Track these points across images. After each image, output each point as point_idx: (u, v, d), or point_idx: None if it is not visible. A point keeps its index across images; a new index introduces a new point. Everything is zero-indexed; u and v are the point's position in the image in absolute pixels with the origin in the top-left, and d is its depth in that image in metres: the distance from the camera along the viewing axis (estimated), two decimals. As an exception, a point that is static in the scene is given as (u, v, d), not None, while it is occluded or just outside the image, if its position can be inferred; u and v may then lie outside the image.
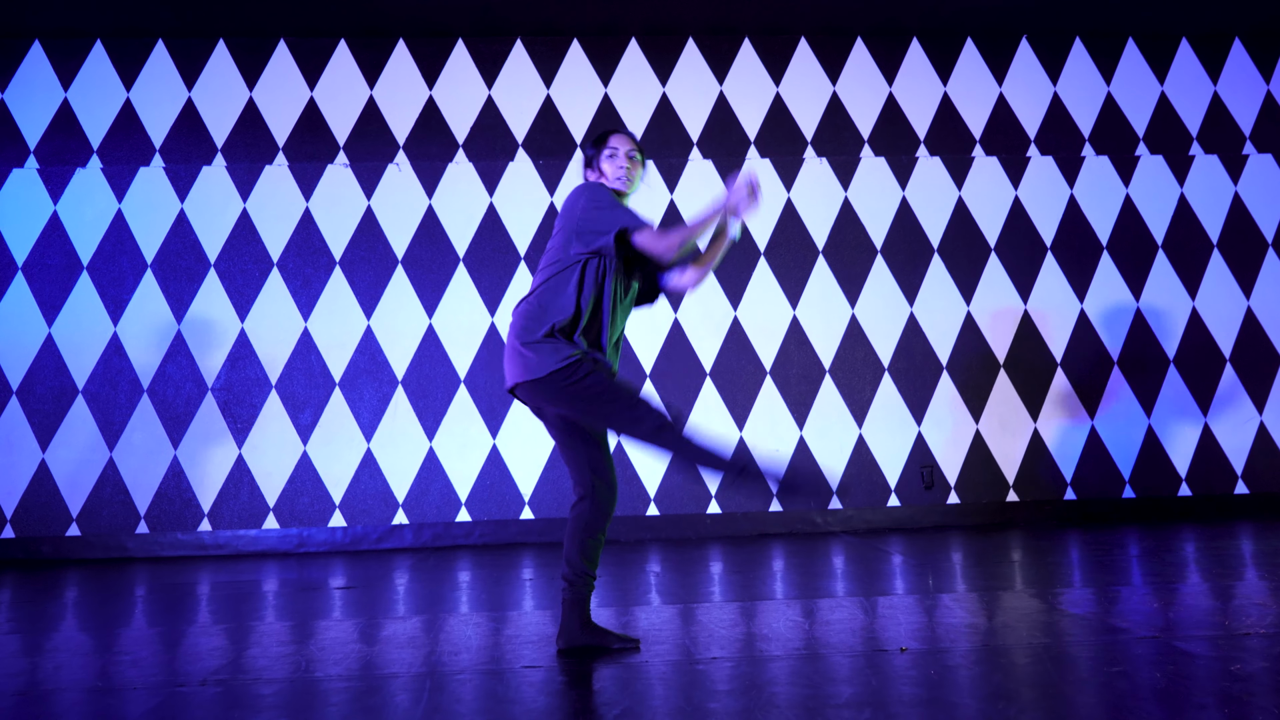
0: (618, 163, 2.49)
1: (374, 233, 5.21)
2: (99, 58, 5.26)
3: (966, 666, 2.10)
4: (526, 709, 1.88)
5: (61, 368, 4.99)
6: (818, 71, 5.50)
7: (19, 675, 2.31)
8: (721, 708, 1.83)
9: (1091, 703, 1.80)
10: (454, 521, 5.03)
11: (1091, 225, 5.45)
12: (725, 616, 2.80)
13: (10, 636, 2.84)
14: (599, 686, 2.04)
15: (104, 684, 2.19)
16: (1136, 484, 5.25)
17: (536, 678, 2.12)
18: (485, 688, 2.05)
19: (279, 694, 2.05)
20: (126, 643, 2.67)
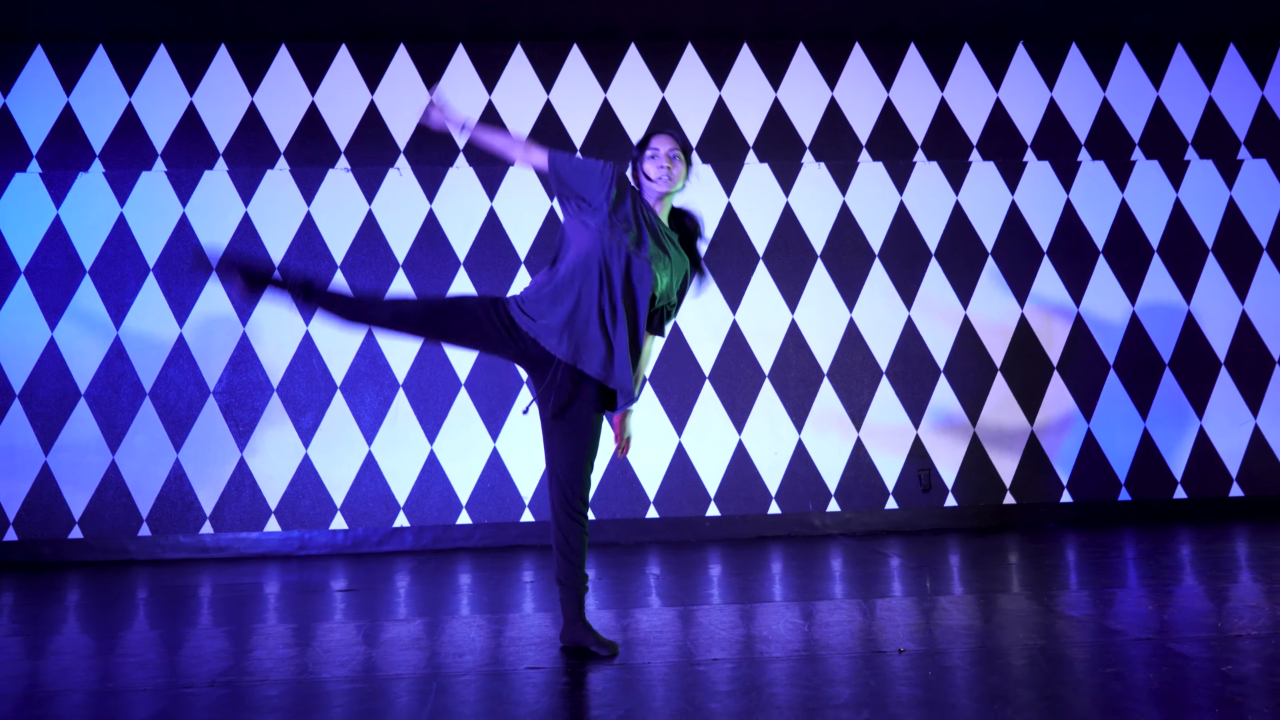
0: (658, 163, 2.46)
1: (375, 237, 5.23)
2: (101, 61, 5.29)
3: (964, 668, 2.13)
4: (530, 710, 1.91)
5: (64, 371, 5.01)
6: (816, 76, 5.54)
7: (23, 678, 2.33)
8: (722, 708, 1.86)
9: (1087, 704, 1.83)
10: (454, 524, 5.05)
11: (1088, 230, 5.49)
12: (725, 619, 2.83)
13: (14, 639, 2.86)
14: (602, 688, 2.07)
15: (110, 686, 2.21)
16: (1132, 487, 5.29)
17: (540, 679, 2.15)
18: (489, 689, 2.08)
19: (285, 695, 2.07)
20: (132, 645, 2.69)
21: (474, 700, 2.00)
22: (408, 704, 1.98)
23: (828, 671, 2.14)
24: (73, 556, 4.89)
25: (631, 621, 2.84)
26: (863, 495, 5.19)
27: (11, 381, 4.99)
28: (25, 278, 5.07)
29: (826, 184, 5.44)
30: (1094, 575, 3.45)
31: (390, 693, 2.07)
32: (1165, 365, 5.39)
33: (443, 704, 1.97)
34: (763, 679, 2.10)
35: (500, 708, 1.93)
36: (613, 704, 1.95)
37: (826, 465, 5.20)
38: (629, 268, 2.41)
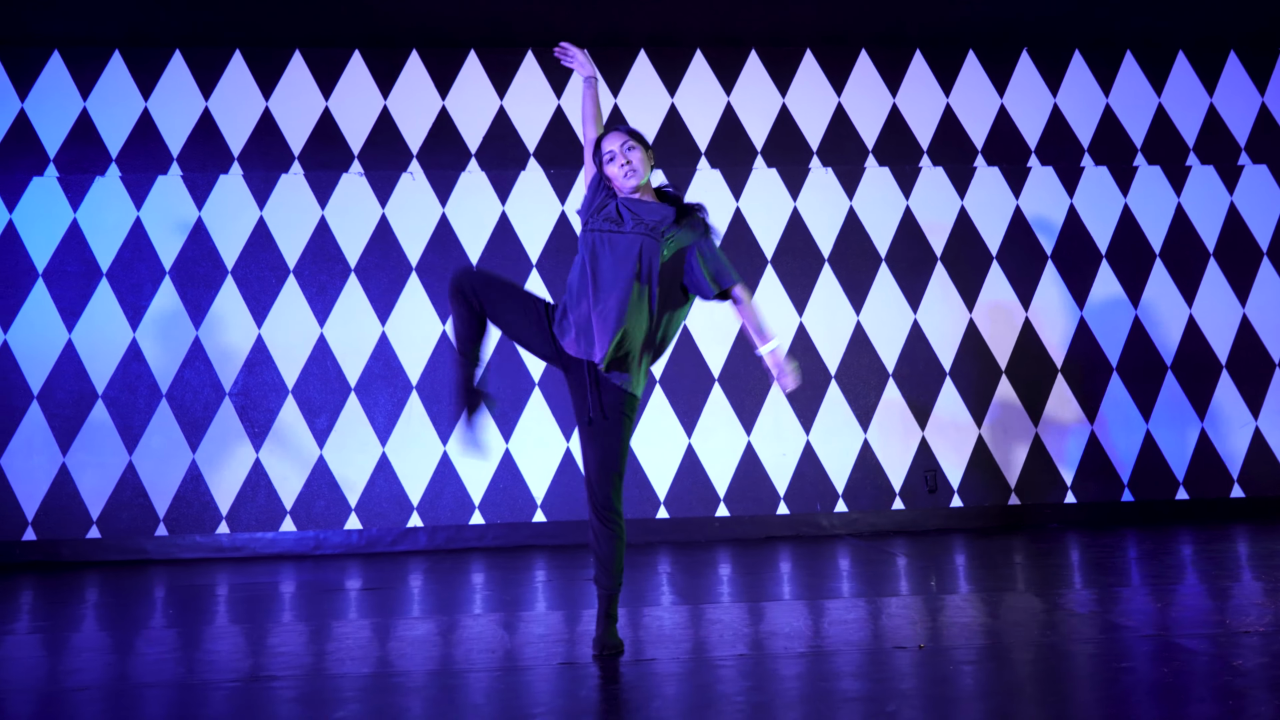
0: (616, 163, 2.52)
1: (388, 240, 5.30)
2: (117, 67, 5.35)
3: (977, 663, 2.21)
4: (565, 703, 1.98)
5: (81, 373, 5.08)
6: (822, 82, 5.61)
7: (78, 671, 2.40)
8: (746, 701, 1.93)
9: (1095, 698, 1.91)
10: (467, 524, 5.12)
11: (1091, 234, 5.56)
12: (740, 616, 2.90)
13: (37, 635, 2.93)
14: (634, 682, 2.14)
15: (160, 680, 2.28)
16: (1135, 488, 5.37)
17: (572, 674, 2.22)
18: (520, 683, 2.15)
19: (303, 688, 2.14)
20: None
21: (506, 693, 2.07)
22: (477, 694, 2.04)
23: (847, 666, 2.21)
24: (90, 556, 4.96)
25: (653, 619, 2.91)
26: (869, 496, 5.27)
27: (30, 383, 5.05)
28: (43, 280, 5.14)
29: (833, 189, 5.51)
30: (1098, 574, 3.52)
31: (430, 687, 2.14)
32: (1167, 368, 5.47)
33: (475, 698, 2.04)
34: (781, 673, 2.17)
35: (534, 701, 2.00)
36: (647, 695, 2.02)
37: (834, 466, 5.27)
38: (612, 248, 2.45)
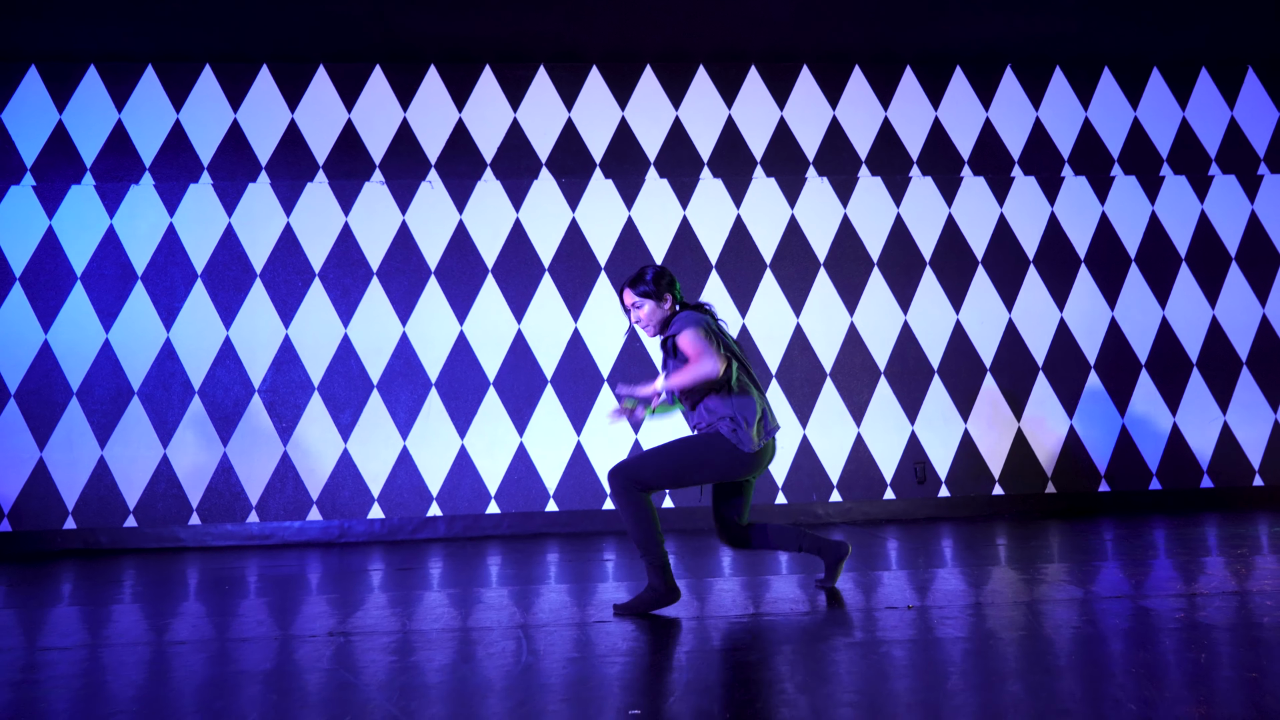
0: (632, 318, 2.97)
1: (409, 246, 5.60)
2: (150, 81, 5.64)
3: (954, 619, 2.53)
4: (623, 648, 2.29)
5: (118, 370, 5.36)
6: (819, 96, 5.94)
7: (179, 630, 2.70)
8: (768, 650, 2.24)
9: (1066, 640, 2.23)
10: (484, 514, 5.42)
11: (1070, 240, 5.91)
12: (738, 587, 3.21)
13: (126, 606, 3.22)
14: (665, 635, 2.45)
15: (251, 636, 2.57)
16: (1112, 479, 5.71)
17: (611, 628, 2.53)
18: (576, 636, 2.46)
19: (411, 641, 2.45)
20: (247, 609, 3.05)
21: (569, 644, 2.37)
22: (508, 647, 2.35)
23: (852, 620, 2.53)
24: (127, 544, 5.24)
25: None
26: (863, 487, 5.59)
27: (70, 380, 5.33)
28: (81, 283, 5.41)
29: (829, 197, 5.84)
30: (1072, 553, 3.85)
31: (484, 641, 2.45)
32: (1141, 366, 5.81)
33: (539, 650, 2.35)
34: (799, 628, 2.48)
35: (593, 651, 2.31)
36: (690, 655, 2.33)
37: (829, 459, 5.60)
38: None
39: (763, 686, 1.92)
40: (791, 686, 1.90)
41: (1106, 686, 1.84)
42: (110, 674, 2.20)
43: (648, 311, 2.91)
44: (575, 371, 5.57)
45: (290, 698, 1.93)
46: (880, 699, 1.80)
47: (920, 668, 2.04)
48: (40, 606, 3.29)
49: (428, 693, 1.94)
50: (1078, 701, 1.75)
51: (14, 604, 3.38)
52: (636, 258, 5.68)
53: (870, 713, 1.71)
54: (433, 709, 1.82)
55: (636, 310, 2.91)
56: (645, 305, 2.91)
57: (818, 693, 1.85)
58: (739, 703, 1.81)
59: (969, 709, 1.72)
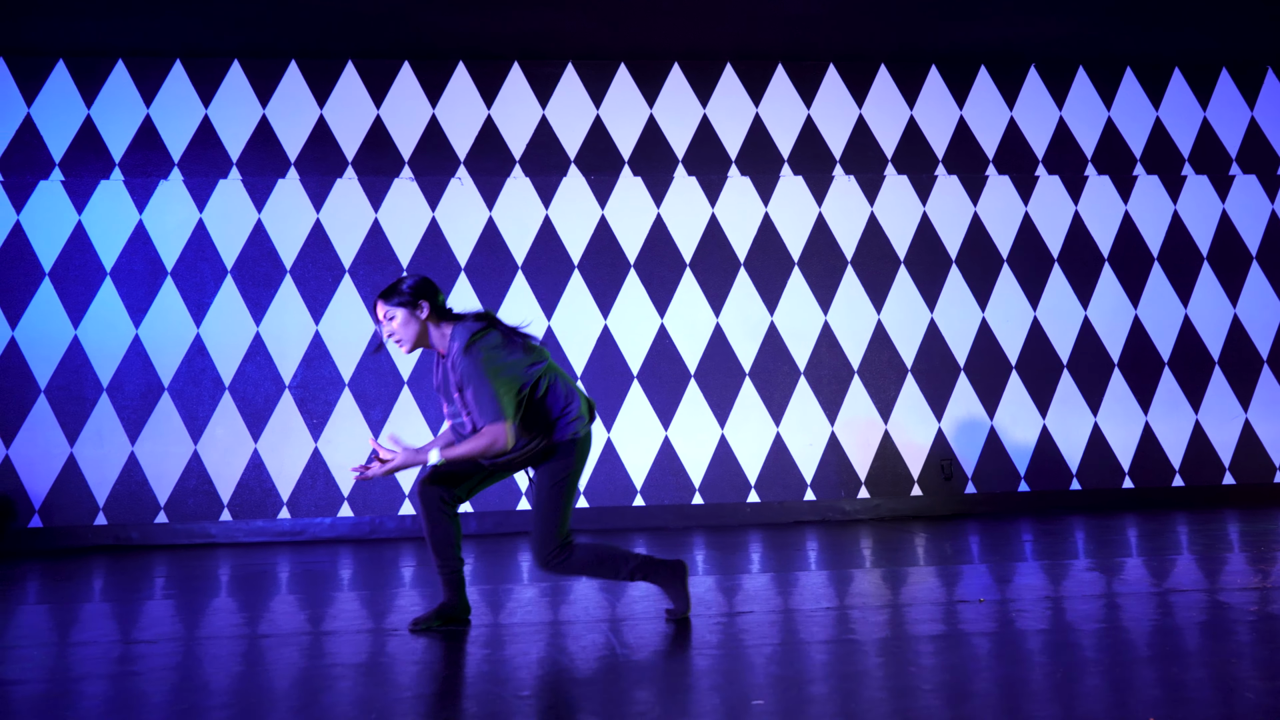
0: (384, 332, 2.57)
1: (438, 242, 5.61)
2: (178, 76, 5.62)
3: (1026, 611, 2.57)
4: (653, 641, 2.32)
5: (148, 366, 5.35)
6: (845, 95, 5.97)
7: (263, 623, 2.71)
8: (829, 637, 2.28)
9: (1144, 631, 2.27)
10: (514, 510, 5.44)
11: (1094, 239, 5.96)
12: (821, 580, 3.25)
13: (169, 600, 3.22)
14: (745, 628, 2.48)
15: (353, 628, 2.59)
16: (1135, 476, 5.77)
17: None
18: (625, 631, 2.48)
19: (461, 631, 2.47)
20: (341, 600, 3.07)
21: (657, 637, 2.40)
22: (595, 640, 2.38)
23: (933, 613, 2.56)
24: (158, 540, 5.24)
25: (736, 585, 3.25)
26: (890, 483, 5.64)
27: (100, 376, 5.32)
28: (111, 279, 5.40)
29: (855, 196, 5.87)
30: (1098, 548, 3.90)
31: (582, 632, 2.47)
32: (1164, 363, 5.87)
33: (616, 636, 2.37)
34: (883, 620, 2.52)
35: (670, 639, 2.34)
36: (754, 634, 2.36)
37: (856, 456, 5.64)
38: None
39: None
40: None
41: (1213, 675, 1.88)
42: (207, 666, 2.21)
43: (400, 322, 2.51)
44: (605, 368, 5.59)
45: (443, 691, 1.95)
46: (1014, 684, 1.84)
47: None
48: (107, 600, 3.30)
49: (523, 682, 1.97)
50: (1200, 687, 1.79)
51: (63, 599, 3.38)
52: (666, 255, 5.70)
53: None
54: (524, 700, 1.85)
55: (389, 323, 2.52)
56: (398, 315, 2.51)
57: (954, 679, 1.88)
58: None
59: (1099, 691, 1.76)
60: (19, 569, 4.37)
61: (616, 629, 2.54)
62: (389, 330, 2.52)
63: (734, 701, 1.80)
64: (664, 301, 5.66)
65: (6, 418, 5.23)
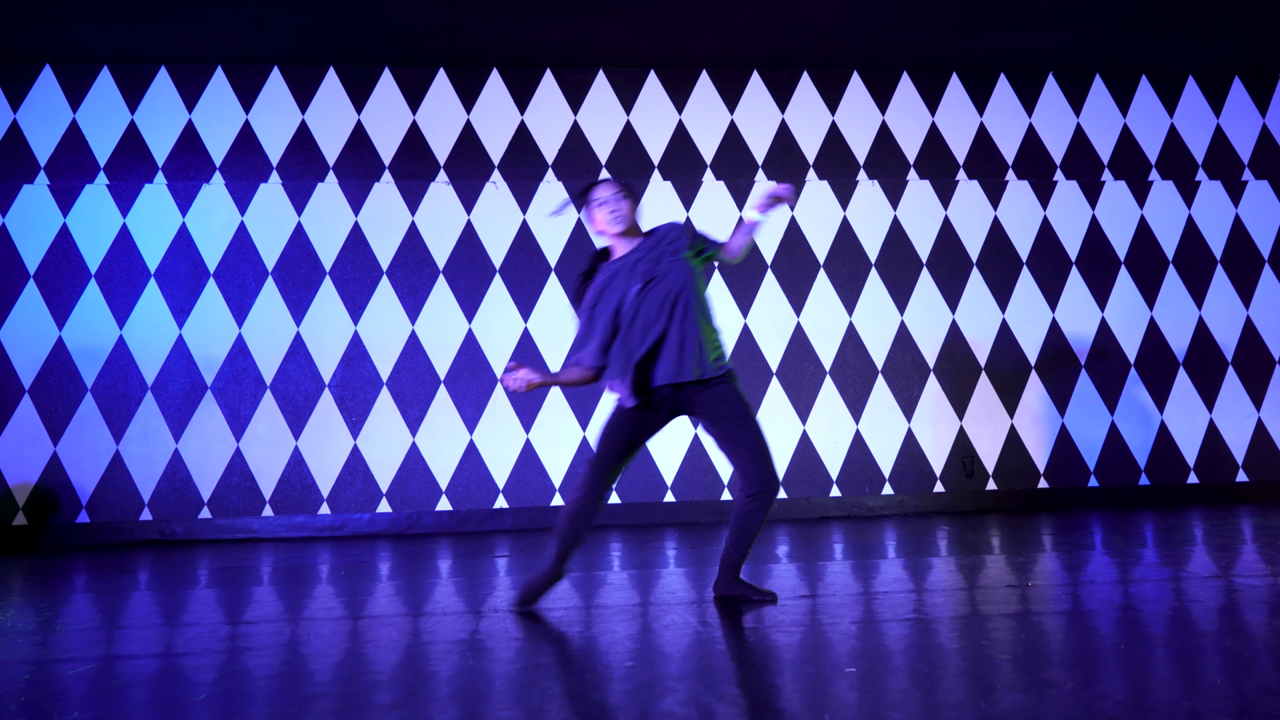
0: (607, 208, 2.79)
1: (474, 244, 5.75)
2: (219, 83, 5.76)
3: (1093, 593, 2.71)
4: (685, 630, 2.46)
5: (192, 366, 5.49)
6: (868, 102, 6.12)
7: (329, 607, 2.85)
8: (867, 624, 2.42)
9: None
10: (549, 506, 5.58)
11: (1111, 242, 6.11)
12: (846, 570, 3.39)
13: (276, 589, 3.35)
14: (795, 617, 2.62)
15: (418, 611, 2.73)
16: (1151, 473, 5.92)
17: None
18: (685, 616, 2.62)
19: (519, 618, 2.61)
20: (440, 589, 3.21)
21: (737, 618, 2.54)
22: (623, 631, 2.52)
23: (981, 595, 2.71)
24: (202, 535, 5.37)
25: (765, 576, 3.39)
26: (913, 480, 5.78)
27: (145, 375, 5.45)
28: (155, 280, 5.54)
29: (879, 200, 6.02)
30: (1115, 539, 4.05)
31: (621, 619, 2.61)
32: (1179, 364, 6.03)
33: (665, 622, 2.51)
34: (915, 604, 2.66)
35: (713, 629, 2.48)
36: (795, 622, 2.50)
37: (881, 453, 5.78)
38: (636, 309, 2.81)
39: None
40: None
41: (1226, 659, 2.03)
42: (364, 645, 2.35)
43: (625, 201, 2.82)
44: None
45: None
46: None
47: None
48: (177, 589, 3.43)
49: (612, 660, 2.11)
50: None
51: (134, 588, 3.52)
52: (695, 258, 5.84)
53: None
54: (616, 683, 1.99)
55: (616, 200, 2.79)
56: (624, 197, 2.83)
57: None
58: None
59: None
60: (68, 562, 4.51)
61: (701, 610, 2.68)
62: (615, 206, 2.79)
63: (828, 670, 1.94)
64: (693, 303, 5.81)
65: (55, 416, 5.36)
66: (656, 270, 2.79)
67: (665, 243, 2.84)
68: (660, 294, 2.77)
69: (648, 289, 2.77)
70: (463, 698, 1.82)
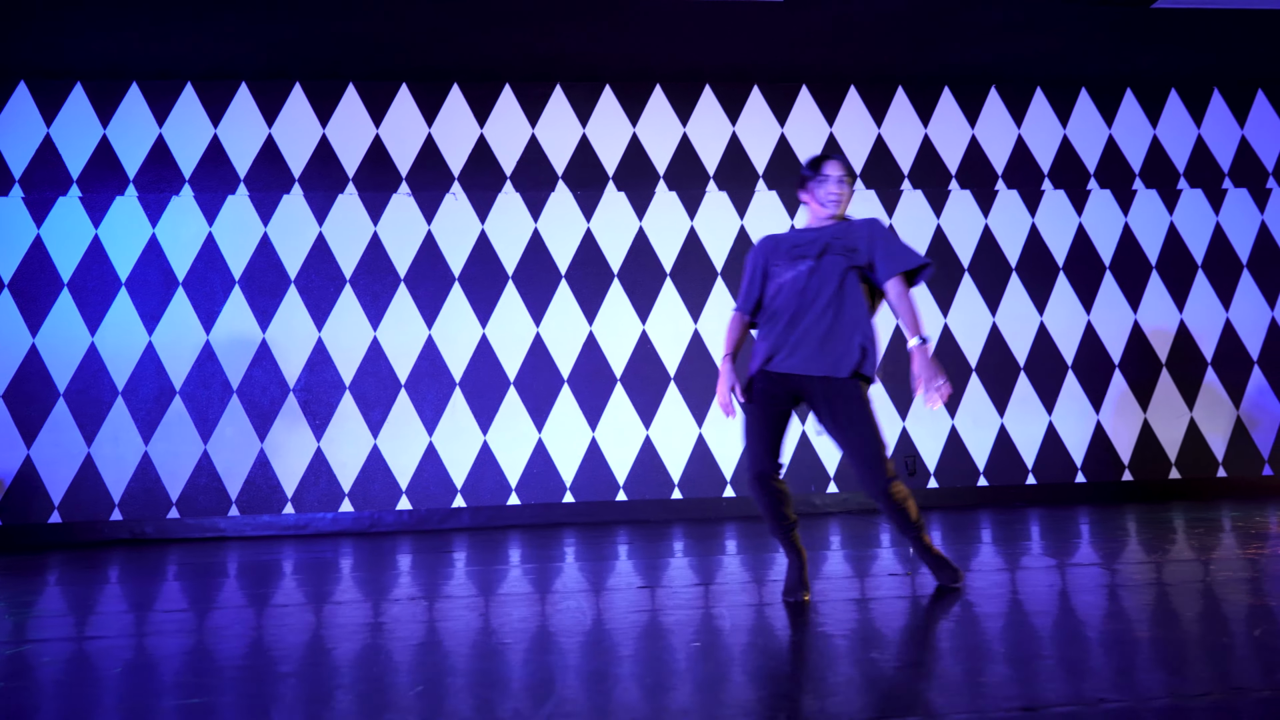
0: (827, 188, 2.86)
1: (434, 254, 5.97)
2: (189, 98, 5.98)
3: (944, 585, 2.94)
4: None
5: (161, 371, 5.70)
6: (864, 115, 6.34)
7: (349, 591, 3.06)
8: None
9: (995, 587, 2.64)
10: (505, 505, 5.80)
11: (1097, 249, 6.34)
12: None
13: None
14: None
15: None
16: (1087, 470, 6.16)
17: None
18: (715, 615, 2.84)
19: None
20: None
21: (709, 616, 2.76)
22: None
23: (858, 585, 2.93)
24: (171, 534, 5.58)
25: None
26: (858, 479, 5.99)
27: (115, 380, 5.67)
28: (126, 289, 5.75)
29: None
30: (1051, 536, 4.28)
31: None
32: (1115, 366, 6.26)
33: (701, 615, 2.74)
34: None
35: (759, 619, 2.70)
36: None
37: (826, 452, 6.01)
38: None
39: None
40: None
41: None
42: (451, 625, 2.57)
43: (848, 190, 2.89)
44: (591, 372, 5.96)
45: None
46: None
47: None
48: (206, 580, 3.65)
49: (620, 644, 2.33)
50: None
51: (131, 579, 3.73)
52: (648, 265, 6.07)
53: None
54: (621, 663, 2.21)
55: (842, 187, 2.86)
56: (848, 191, 2.89)
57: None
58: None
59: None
60: (48, 559, 4.72)
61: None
62: (841, 191, 2.86)
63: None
64: (645, 309, 6.04)
65: (28, 419, 5.58)
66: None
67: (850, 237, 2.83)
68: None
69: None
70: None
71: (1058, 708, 1.63)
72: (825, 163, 2.90)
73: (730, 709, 1.69)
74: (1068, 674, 1.85)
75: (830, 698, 1.73)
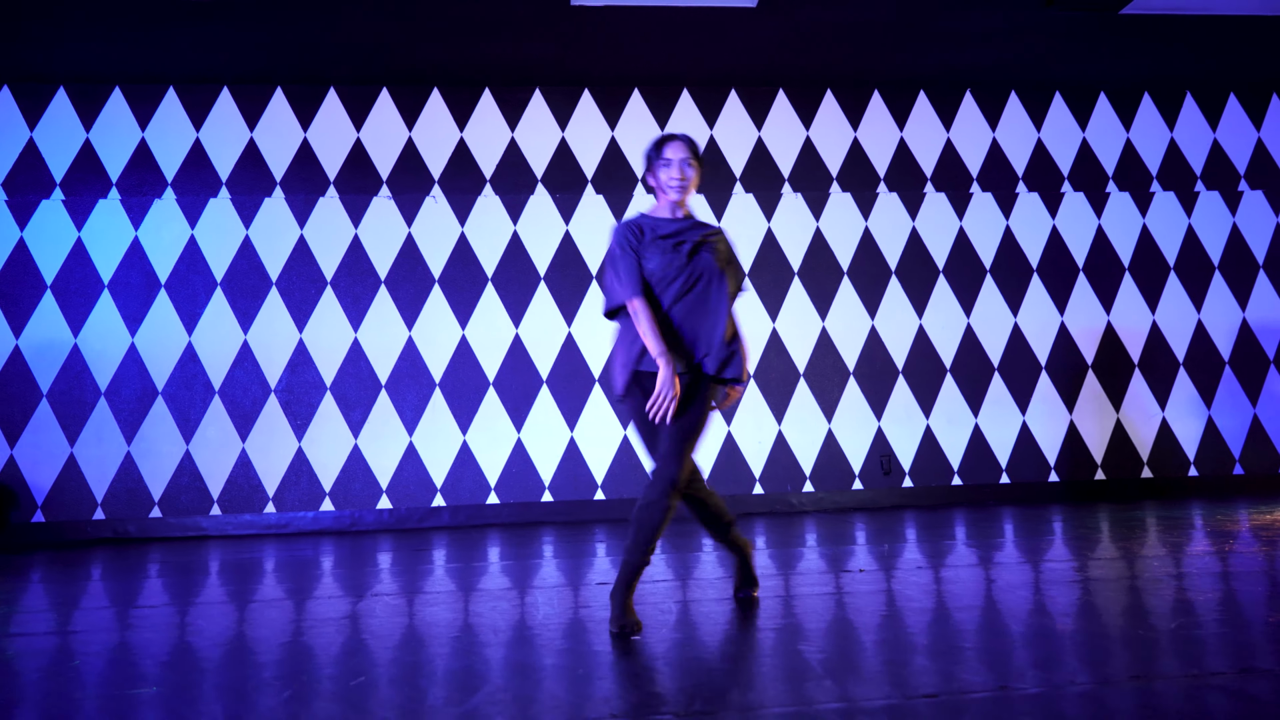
0: (671, 172, 2.56)
1: (414, 256, 6.04)
2: (171, 102, 6.04)
3: (906, 579, 3.01)
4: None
5: (144, 372, 5.76)
6: (840, 118, 6.41)
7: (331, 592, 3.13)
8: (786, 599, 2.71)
9: (1002, 589, 2.71)
10: (485, 504, 5.87)
11: (1071, 252, 6.42)
12: (764, 561, 3.69)
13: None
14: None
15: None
16: (1061, 469, 6.23)
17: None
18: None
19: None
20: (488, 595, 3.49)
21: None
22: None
23: (812, 580, 3.00)
24: (154, 533, 5.64)
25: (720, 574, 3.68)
26: (833, 478, 6.08)
27: (98, 381, 5.73)
28: (109, 291, 5.81)
29: (803, 212, 6.32)
30: (1024, 535, 4.36)
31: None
32: (1089, 367, 6.34)
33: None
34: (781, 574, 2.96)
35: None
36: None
37: (802, 452, 6.09)
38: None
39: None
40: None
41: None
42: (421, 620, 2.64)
43: (696, 171, 2.63)
44: (569, 372, 6.02)
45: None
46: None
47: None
48: (237, 580, 3.71)
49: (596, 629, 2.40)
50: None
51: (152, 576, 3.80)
52: (625, 267, 6.13)
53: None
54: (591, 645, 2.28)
55: (693, 166, 2.60)
56: (695, 174, 2.62)
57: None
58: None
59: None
60: (32, 558, 4.78)
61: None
62: (689, 173, 2.58)
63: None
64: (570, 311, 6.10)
65: (12, 420, 5.64)
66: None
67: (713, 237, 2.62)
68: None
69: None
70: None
71: (974, 693, 1.70)
72: (668, 144, 2.61)
73: (597, 703, 1.76)
74: (1040, 661, 1.92)
75: (750, 691, 1.80)
